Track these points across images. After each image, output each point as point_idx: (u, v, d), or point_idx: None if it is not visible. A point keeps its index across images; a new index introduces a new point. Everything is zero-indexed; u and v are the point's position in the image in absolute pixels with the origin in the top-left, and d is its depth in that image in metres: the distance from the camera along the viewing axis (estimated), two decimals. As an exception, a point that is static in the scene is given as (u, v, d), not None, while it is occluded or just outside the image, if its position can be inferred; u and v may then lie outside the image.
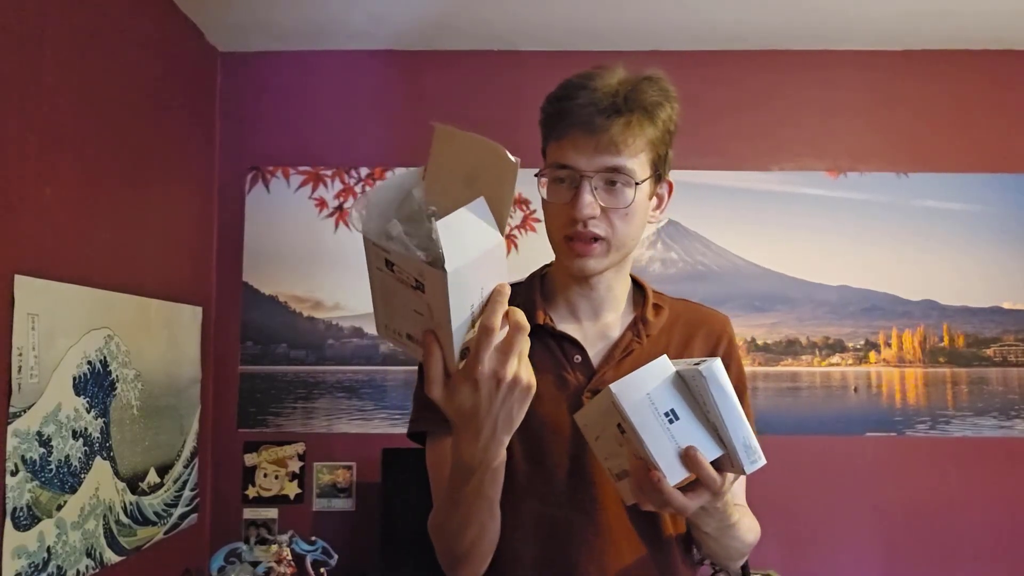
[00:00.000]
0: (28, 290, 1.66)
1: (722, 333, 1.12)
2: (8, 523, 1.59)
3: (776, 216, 2.76)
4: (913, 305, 2.75)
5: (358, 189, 2.74)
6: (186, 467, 2.44)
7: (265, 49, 2.76)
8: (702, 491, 0.84)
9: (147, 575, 2.19)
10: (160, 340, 2.28)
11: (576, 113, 0.96)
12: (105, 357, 1.97)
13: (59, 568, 1.75)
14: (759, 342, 2.76)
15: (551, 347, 1.05)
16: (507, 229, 0.78)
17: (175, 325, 2.39)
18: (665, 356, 0.86)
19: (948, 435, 2.68)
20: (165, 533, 2.29)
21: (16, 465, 1.62)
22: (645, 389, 0.83)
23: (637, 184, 0.98)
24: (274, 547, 2.44)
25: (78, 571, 1.83)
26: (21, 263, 1.66)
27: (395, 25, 2.60)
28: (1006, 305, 2.74)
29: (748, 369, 2.73)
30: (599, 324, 1.08)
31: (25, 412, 1.65)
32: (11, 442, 1.60)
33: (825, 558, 2.64)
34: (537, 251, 2.74)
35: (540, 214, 2.97)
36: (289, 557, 2.44)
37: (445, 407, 0.73)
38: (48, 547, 1.72)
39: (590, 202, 0.96)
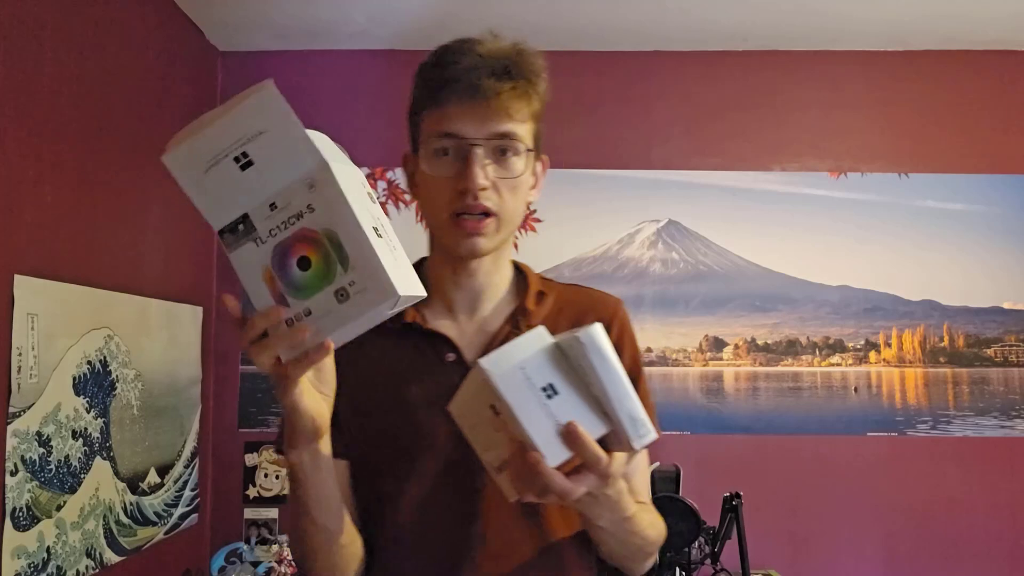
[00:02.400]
0: (28, 290, 1.66)
1: (613, 316, 1.04)
2: (8, 523, 1.59)
3: (777, 216, 2.75)
4: (914, 305, 2.74)
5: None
6: (186, 467, 2.44)
7: (265, 48, 2.76)
8: (587, 473, 0.75)
9: (147, 575, 2.19)
10: (160, 340, 2.28)
11: (463, 77, 0.90)
12: (105, 357, 1.97)
13: (59, 568, 1.75)
14: (760, 342, 2.76)
15: (421, 348, 0.97)
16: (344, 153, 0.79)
17: (175, 325, 2.39)
18: (542, 327, 0.79)
19: (949, 435, 2.67)
20: (165, 533, 2.29)
21: (16, 465, 1.61)
22: (518, 362, 0.74)
23: (528, 151, 0.94)
24: (275, 547, 2.44)
25: (78, 571, 1.83)
26: (21, 263, 1.66)
27: (396, 25, 2.60)
28: (1007, 305, 2.73)
29: (748, 369, 2.73)
30: (477, 318, 1.00)
31: (25, 412, 1.64)
32: (11, 442, 1.60)
33: (825, 558, 2.63)
34: (537, 251, 2.74)
35: (540, 214, 2.99)
36: (290, 557, 2.44)
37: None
38: (48, 547, 1.71)
39: (482, 174, 0.90)
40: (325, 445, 0.82)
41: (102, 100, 2.00)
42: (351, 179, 0.70)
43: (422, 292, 0.74)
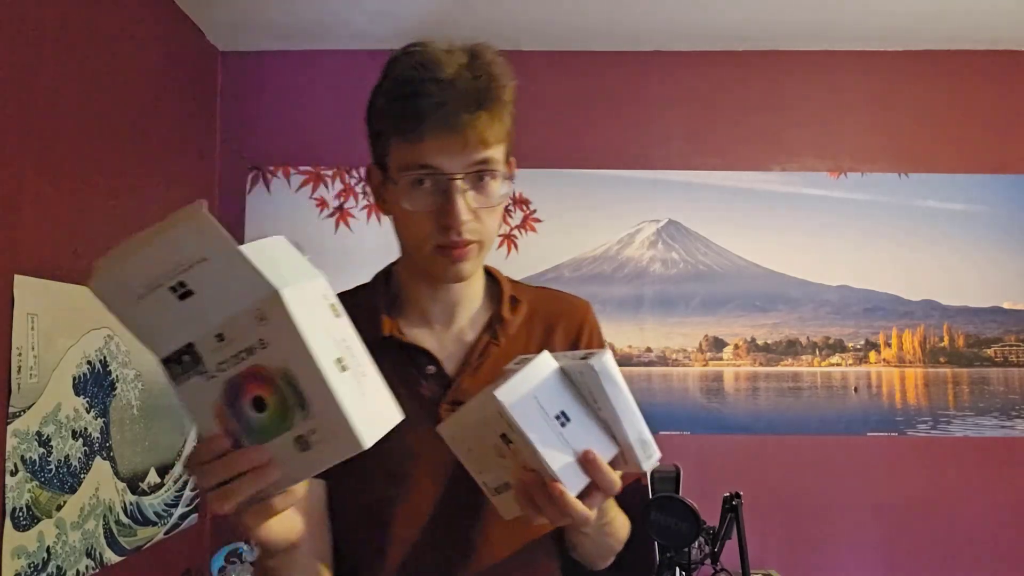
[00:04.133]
0: (28, 290, 1.66)
1: (583, 321, 1.04)
2: (8, 523, 1.59)
3: (777, 216, 2.75)
4: (914, 305, 2.75)
5: (358, 189, 2.74)
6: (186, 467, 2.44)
7: (266, 48, 2.76)
8: (597, 495, 0.77)
9: (147, 575, 2.19)
10: (160, 340, 2.28)
11: (435, 111, 0.85)
12: (105, 357, 1.97)
13: (59, 568, 1.75)
14: (760, 342, 2.76)
15: (400, 360, 0.95)
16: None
17: (175, 325, 2.38)
18: (547, 352, 0.79)
19: (949, 435, 2.68)
20: (165, 533, 2.29)
21: (16, 465, 1.61)
22: (532, 393, 0.75)
23: (505, 178, 0.92)
24: (274, 547, 2.44)
25: (78, 571, 1.83)
26: (21, 263, 1.66)
27: (396, 24, 2.60)
28: (1007, 305, 2.73)
29: (748, 369, 2.73)
30: (454, 328, 0.99)
31: (25, 412, 1.64)
32: (11, 442, 1.60)
33: (825, 558, 2.63)
34: (538, 251, 2.74)
35: (540, 213, 2.98)
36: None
37: None
38: (48, 547, 1.71)
39: (465, 208, 0.87)
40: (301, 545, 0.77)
41: (102, 100, 2.00)
42: (309, 302, 0.62)
43: (397, 418, 0.68)
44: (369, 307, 0.97)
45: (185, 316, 0.59)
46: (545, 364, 0.77)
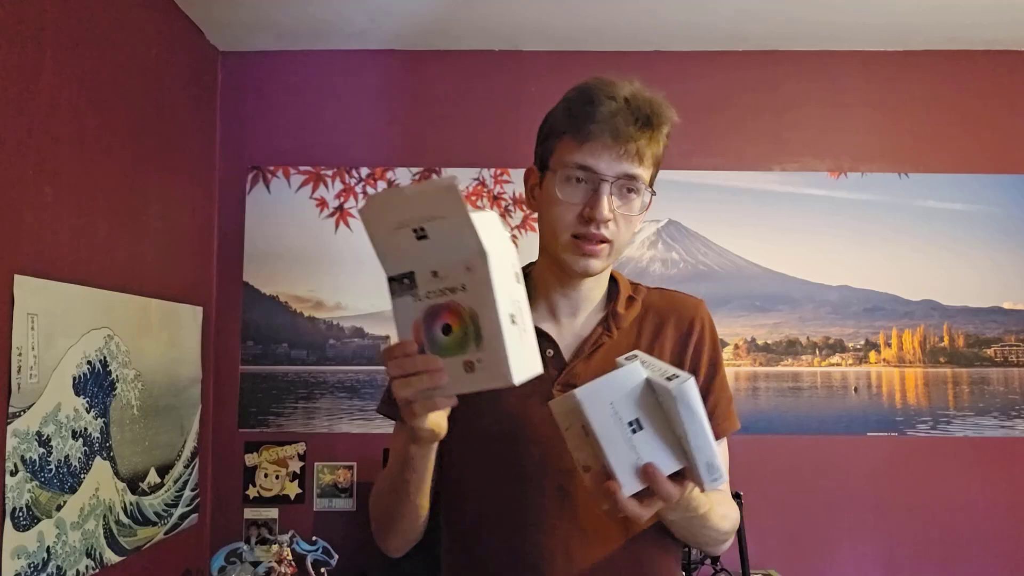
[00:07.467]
0: (28, 290, 1.66)
1: (694, 318, 1.13)
2: (8, 523, 1.59)
3: (777, 216, 2.75)
4: (914, 305, 2.75)
5: (358, 189, 2.73)
6: (186, 467, 2.44)
7: (266, 48, 2.76)
8: (655, 501, 0.85)
9: (147, 575, 2.19)
10: (160, 340, 2.28)
11: (607, 119, 1.00)
12: (105, 357, 1.97)
13: (59, 568, 1.75)
14: (760, 342, 2.76)
15: None
16: (508, 231, 0.85)
17: (175, 325, 2.39)
18: (638, 363, 0.86)
19: (949, 435, 2.68)
20: (165, 533, 2.29)
21: (16, 465, 1.61)
22: (610, 398, 0.83)
23: (643, 200, 1.05)
24: (275, 547, 2.44)
25: (78, 571, 1.83)
26: (21, 263, 1.66)
27: (396, 25, 2.60)
28: (1007, 305, 2.73)
29: (748, 369, 2.73)
30: (575, 321, 1.12)
31: (25, 412, 1.64)
32: (11, 442, 1.60)
33: (825, 558, 2.63)
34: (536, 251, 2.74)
35: (541, 214, 2.95)
36: (290, 557, 2.44)
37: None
38: (48, 547, 1.72)
39: (608, 207, 1.01)
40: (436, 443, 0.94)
41: (102, 100, 2.00)
42: (503, 267, 0.81)
43: (539, 371, 0.83)
44: None
45: (416, 252, 0.80)
46: (632, 373, 0.85)
